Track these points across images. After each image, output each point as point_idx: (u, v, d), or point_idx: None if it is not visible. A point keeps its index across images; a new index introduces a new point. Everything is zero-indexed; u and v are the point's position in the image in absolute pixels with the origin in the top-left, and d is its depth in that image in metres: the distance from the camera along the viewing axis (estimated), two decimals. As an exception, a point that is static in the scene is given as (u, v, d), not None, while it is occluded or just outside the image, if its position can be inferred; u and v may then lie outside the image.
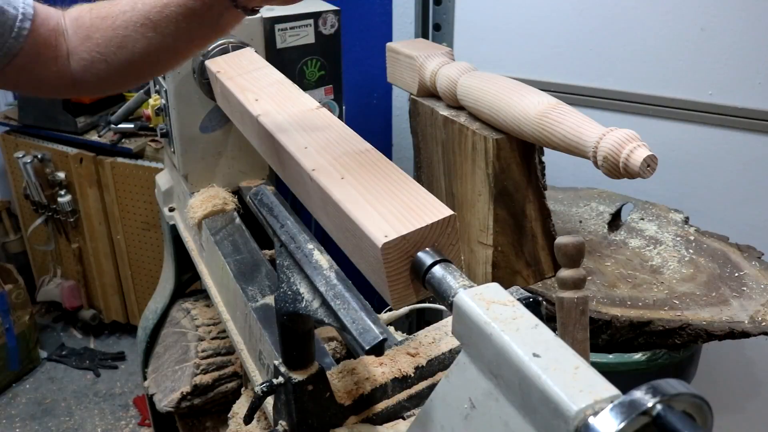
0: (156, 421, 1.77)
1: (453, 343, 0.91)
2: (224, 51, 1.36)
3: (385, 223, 0.70)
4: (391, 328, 1.19)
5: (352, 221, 0.73)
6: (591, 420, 0.46)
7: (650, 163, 0.99)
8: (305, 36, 1.47)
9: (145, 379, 1.65)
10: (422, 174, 1.49)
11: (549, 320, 0.74)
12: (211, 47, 1.35)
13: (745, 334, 1.16)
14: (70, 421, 2.40)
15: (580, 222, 1.51)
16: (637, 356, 1.25)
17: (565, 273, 0.88)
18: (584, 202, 1.59)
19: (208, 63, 1.31)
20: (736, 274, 1.31)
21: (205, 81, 1.36)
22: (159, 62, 0.87)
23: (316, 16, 1.47)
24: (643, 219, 1.52)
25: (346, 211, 0.75)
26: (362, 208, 0.74)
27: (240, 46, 1.38)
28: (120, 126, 2.34)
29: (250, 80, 1.17)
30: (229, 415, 1.16)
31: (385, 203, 0.74)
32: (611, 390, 0.48)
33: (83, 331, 2.84)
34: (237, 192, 1.45)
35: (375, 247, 0.68)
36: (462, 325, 0.59)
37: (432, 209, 0.72)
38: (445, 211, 0.71)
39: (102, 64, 0.85)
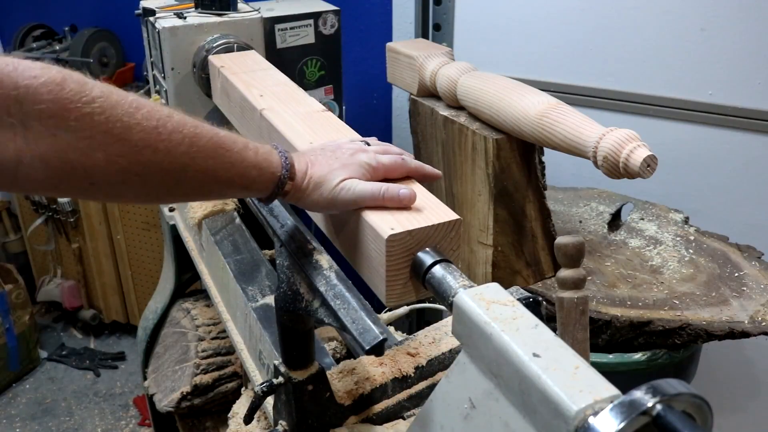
0: (156, 421, 1.77)
1: (453, 343, 0.91)
2: (228, 49, 1.36)
3: (392, 217, 0.71)
4: (391, 328, 1.19)
5: (358, 213, 0.73)
6: (591, 420, 0.46)
7: (650, 163, 0.99)
8: (305, 36, 1.47)
9: (145, 379, 1.66)
10: (422, 174, 1.49)
11: (549, 320, 0.74)
12: (216, 44, 1.36)
13: (745, 334, 1.16)
14: (70, 421, 2.40)
15: (580, 222, 1.51)
16: (637, 356, 1.25)
17: (565, 273, 0.88)
18: (584, 202, 1.59)
19: (212, 58, 1.31)
20: (736, 274, 1.31)
21: (204, 76, 1.36)
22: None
23: (316, 16, 1.47)
24: (643, 219, 1.52)
25: None
26: None
27: (244, 47, 1.38)
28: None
29: (255, 78, 1.17)
30: (229, 415, 1.16)
31: None
32: (611, 390, 0.48)
33: (83, 331, 2.84)
34: (237, 192, 1.44)
35: (380, 238, 0.68)
36: (462, 325, 0.59)
37: (438, 211, 0.72)
38: (452, 215, 0.72)
39: None
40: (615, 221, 1.53)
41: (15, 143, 0.55)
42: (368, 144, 0.82)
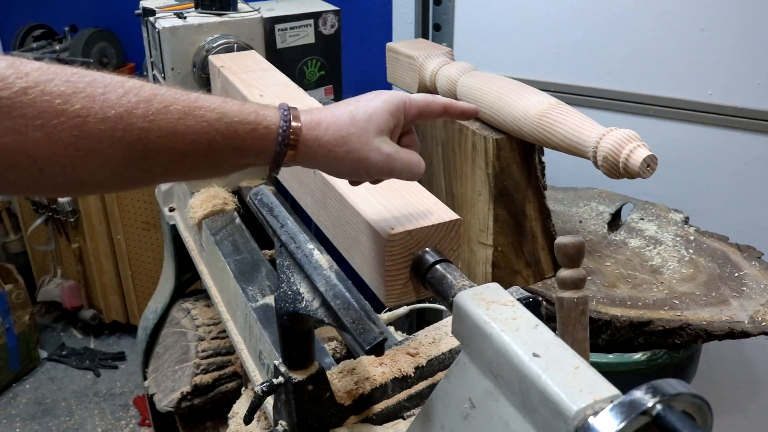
0: (156, 421, 1.77)
1: (453, 343, 0.91)
2: (229, 49, 1.36)
3: (392, 217, 0.71)
4: (391, 328, 1.19)
5: (358, 213, 0.73)
6: (591, 420, 0.46)
7: (650, 163, 0.99)
8: (305, 36, 1.47)
9: (145, 379, 1.66)
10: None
11: (549, 320, 0.74)
12: (216, 44, 1.36)
13: (745, 334, 1.16)
14: (70, 421, 2.40)
15: (580, 222, 1.51)
16: (637, 356, 1.25)
17: (565, 273, 0.88)
18: (584, 202, 1.59)
19: (212, 58, 1.31)
20: (736, 274, 1.31)
21: (204, 76, 1.36)
22: None
23: (316, 16, 1.47)
24: (643, 219, 1.52)
25: (351, 203, 0.75)
26: (368, 202, 0.74)
27: (244, 47, 1.39)
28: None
29: (255, 78, 1.17)
30: (229, 415, 1.16)
31: (392, 200, 0.74)
32: (611, 390, 0.48)
33: (83, 331, 2.84)
34: (237, 192, 1.45)
35: (380, 239, 0.68)
36: (462, 325, 0.59)
37: (438, 212, 0.73)
38: (451, 215, 0.72)
39: None
40: (615, 221, 1.53)
41: None
42: None
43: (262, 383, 0.80)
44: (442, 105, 0.69)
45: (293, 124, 0.61)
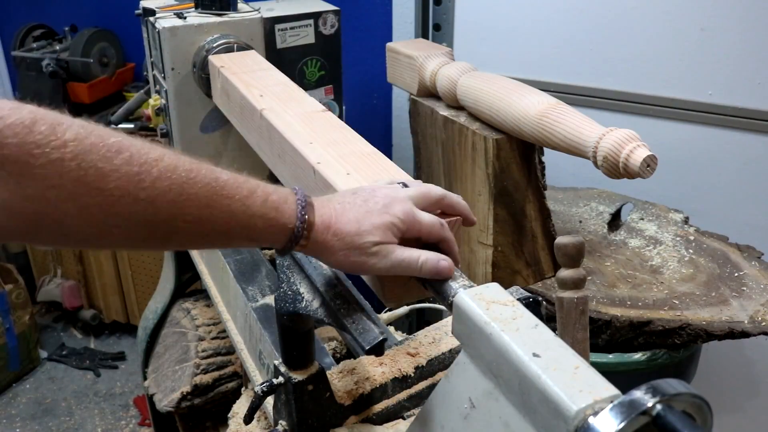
0: (156, 421, 1.77)
1: (453, 343, 0.91)
2: (228, 49, 1.36)
3: None
4: (391, 328, 1.19)
5: None
6: (591, 420, 0.46)
7: (650, 163, 0.99)
8: (305, 36, 1.47)
9: (145, 379, 1.66)
10: (422, 174, 1.49)
11: (549, 320, 0.74)
12: (216, 44, 1.36)
13: (744, 334, 1.16)
14: (71, 421, 2.40)
15: (580, 222, 1.51)
16: (637, 356, 1.25)
17: (565, 273, 0.88)
18: (584, 202, 1.59)
19: (212, 58, 1.31)
20: (736, 274, 1.31)
21: (204, 76, 1.36)
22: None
23: (316, 16, 1.47)
24: (643, 219, 1.52)
25: None
26: None
27: (244, 47, 1.38)
28: (120, 126, 2.35)
29: (255, 78, 1.17)
30: (229, 415, 1.16)
31: None
32: (611, 390, 0.48)
33: (83, 331, 2.84)
34: (237, 192, 1.44)
35: None
36: (462, 325, 0.59)
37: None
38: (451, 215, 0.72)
39: None
40: (615, 221, 1.53)
41: None
42: (406, 185, 0.72)
43: (262, 383, 0.80)
44: (441, 239, 0.69)
45: (308, 218, 0.65)
